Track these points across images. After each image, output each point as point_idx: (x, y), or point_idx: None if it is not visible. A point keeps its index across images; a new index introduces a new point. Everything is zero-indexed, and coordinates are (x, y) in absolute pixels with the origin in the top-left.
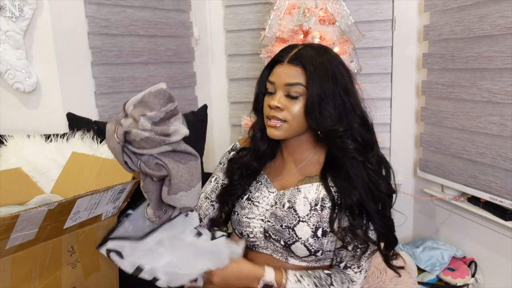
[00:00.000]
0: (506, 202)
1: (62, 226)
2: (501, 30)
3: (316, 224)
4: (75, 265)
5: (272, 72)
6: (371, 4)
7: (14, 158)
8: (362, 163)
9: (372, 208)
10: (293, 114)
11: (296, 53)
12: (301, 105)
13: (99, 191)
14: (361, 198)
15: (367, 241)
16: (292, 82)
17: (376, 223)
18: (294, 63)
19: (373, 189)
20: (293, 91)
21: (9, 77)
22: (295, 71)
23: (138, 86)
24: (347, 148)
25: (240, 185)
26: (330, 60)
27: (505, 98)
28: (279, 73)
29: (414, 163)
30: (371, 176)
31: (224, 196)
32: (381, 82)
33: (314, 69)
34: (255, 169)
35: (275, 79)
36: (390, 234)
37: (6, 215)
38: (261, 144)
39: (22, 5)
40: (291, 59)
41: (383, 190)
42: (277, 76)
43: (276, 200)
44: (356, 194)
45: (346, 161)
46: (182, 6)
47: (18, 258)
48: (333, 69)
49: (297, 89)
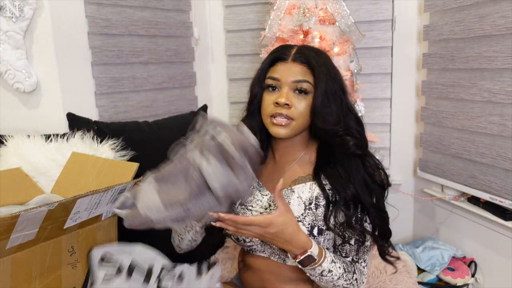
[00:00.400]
0: (506, 202)
1: (62, 226)
2: (501, 30)
3: (311, 223)
4: (75, 265)
5: (274, 69)
6: (371, 4)
7: (14, 158)
8: (360, 157)
9: (367, 202)
10: (300, 112)
11: (298, 52)
12: (308, 103)
13: (99, 191)
14: (356, 192)
15: (364, 232)
16: (300, 79)
17: (371, 215)
18: (299, 61)
19: (369, 182)
20: (302, 87)
21: (9, 77)
22: (301, 69)
23: (138, 86)
24: (348, 144)
25: None
26: (329, 60)
27: (505, 98)
28: (284, 70)
29: (414, 163)
30: (368, 169)
31: None
32: (381, 82)
33: (320, 68)
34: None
35: (279, 76)
36: (385, 226)
37: (6, 215)
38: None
39: (22, 5)
40: (296, 57)
41: (378, 182)
42: (282, 73)
43: (270, 203)
44: (351, 188)
45: (344, 157)
46: (182, 6)
47: (18, 258)
48: (333, 69)
49: (306, 85)
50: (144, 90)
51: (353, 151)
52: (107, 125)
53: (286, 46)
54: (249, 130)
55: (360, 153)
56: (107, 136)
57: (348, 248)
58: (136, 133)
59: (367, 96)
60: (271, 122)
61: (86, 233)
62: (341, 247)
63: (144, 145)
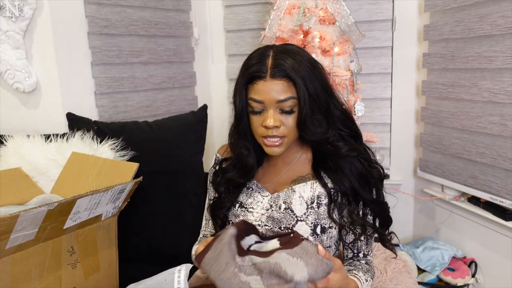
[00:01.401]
0: (506, 202)
1: (62, 226)
2: (501, 30)
3: (314, 222)
4: (75, 265)
5: (254, 89)
6: (371, 4)
7: (14, 158)
8: (355, 157)
9: (366, 196)
10: (290, 128)
11: (274, 64)
12: (295, 117)
13: (99, 191)
14: (354, 187)
15: (365, 225)
16: (284, 98)
17: (371, 207)
18: (278, 77)
19: (368, 176)
20: (287, 106)
21: (9, 77)
22: (282, 85)
23: (138, 86)
24: (340, 151)
25: (227, 198)
26: (306, 62)
27: (505, 98)
28: (265, 90)
29: (414, 163)
30: (364, 164)
31: (214, 211)
32: (381, 82)
33: (301, 79)
34: (242, 184)
35: (263, 98)
36: (385, 215)
37: (6, 215)
38: (248, 160)
39: (22, 5)
40: (274, 72)
41: (375, 176)
42: (265, 94)
43: (271, 203)
44: (349, 182)
45: (339, 159)
46: (182, 6)
47: (18, 258)
48: (313, 71)
49: (290, 103)
50: (144, 90)
51: (347, 155)
52: (107, 125)
53: (260, 56)
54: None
55: (355, 155)
56: (107, 136)
57: (359, 243)
58: (136, 133)
59: (367, 96)
60: (263, 143)
61: (86, 233)
62: (352, 245)
63: (144, 145)
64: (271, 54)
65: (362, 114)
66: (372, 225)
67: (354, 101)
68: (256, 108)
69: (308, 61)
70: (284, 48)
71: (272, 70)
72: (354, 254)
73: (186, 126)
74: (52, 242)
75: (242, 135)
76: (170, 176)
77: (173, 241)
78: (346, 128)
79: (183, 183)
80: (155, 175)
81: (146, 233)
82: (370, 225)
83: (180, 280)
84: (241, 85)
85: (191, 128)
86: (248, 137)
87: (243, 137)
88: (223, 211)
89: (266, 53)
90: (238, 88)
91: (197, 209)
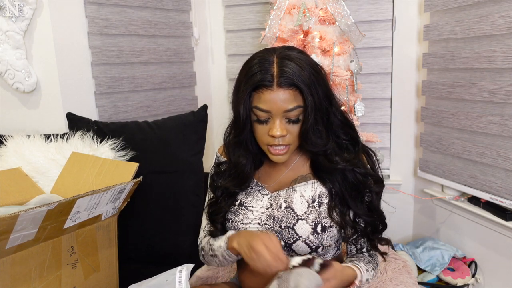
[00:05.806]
0: (506, 202)
1: (62, 226)
2: (501, 30)
3: (315, 221)
4: (75, 265)
5: (259, 98)
6: (371, 4)
7: (14, 158)
8: (351, 170)
9: (355, 208)
10: (295, 136)
11: (281, 73)
12: (299, 126)
13: (99, 191)
14: (344, 196)
15: (356, 227)
16: (291, 107)
17: (361, 217)
18: (285, 86)
19: (360, 187)
20: (293, 115)
21: (9, 77)
22: (289, 94)
23: (138, 86)
24: (334, 166)
25: (224, 202)
26: (310, 68)
27: (505, 98)
28: (272, 100)
29: (414, 163)
30: (359, 177)
31: (212, 215)
32: (381, 82)
33: (307, 87)
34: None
35: (269, 107)
36: (376, 224)
37: (6, 215)
38: (245, 169)
39: (22, 5)
40: (280, 81)
41: (373, 189)
42: (271, 104)
43: (271, 202)
44: (338, 188)
45: (333, 170)
46: (182, 6)
47: (18, 258)
48: (317, 77)
49: (297, 112)
50: (144, 90)
51: (343, 168)
52: (107, 125)
53: (263, 62)
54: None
55: (351, 168)
56: (107, 136)
57: (362, 240)
58: (136, 133)
59: (367, 96)
60: (269, 151)
61: (86, 233)
62: (355, 241)
63: (144, 145)
64: (275, 61)
65: (362, 114)
66: (362, 228)
67: (354, 101)
68: (262, 117)
69: (312, 67)
70: (287, 54)
71: (278, 79)
72: (358, 249)
73: (186, 126)
74: (52, 242)
75: (243, 145)
76: (170, 176)
77: (173, 241)
78: (345, 135)
79: (183, 183)
80: (155, 175)
81: (146, 233)
82: (360, 228)
83: (182, 281)
84: (245, 94)
85: (191, 128)
86: (249, 146)
87: (243, 147)
88: (220, 216)
89: (270, 59)
90: (242, 97)
91: (197, 209)
